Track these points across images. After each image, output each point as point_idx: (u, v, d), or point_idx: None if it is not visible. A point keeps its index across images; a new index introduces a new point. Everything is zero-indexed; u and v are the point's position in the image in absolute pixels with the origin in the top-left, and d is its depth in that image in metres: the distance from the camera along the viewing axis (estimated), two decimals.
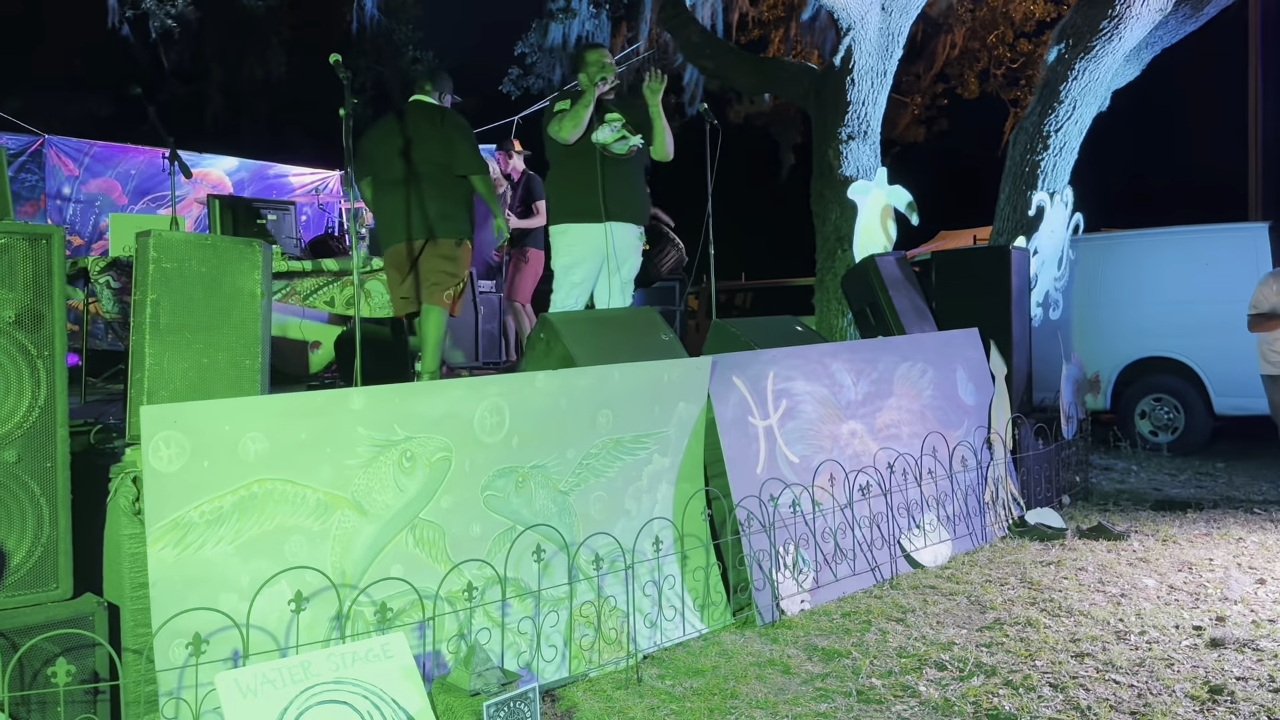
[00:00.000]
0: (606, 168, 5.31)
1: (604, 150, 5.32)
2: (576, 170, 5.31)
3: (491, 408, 3.55)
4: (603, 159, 5.32)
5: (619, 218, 5.37)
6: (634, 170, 5.45)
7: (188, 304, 3.20)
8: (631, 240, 5.47)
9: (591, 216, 5.30)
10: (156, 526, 2.86)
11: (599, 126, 5.33)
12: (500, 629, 3.47)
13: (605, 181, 5.27)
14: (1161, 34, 8.62)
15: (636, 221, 5.47)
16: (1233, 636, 3.93)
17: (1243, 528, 5.85)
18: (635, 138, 5.38)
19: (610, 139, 5.31)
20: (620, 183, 5.36)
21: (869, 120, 8.58)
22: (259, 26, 17.40)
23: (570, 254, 5.40)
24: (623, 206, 5.37)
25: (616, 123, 5.33)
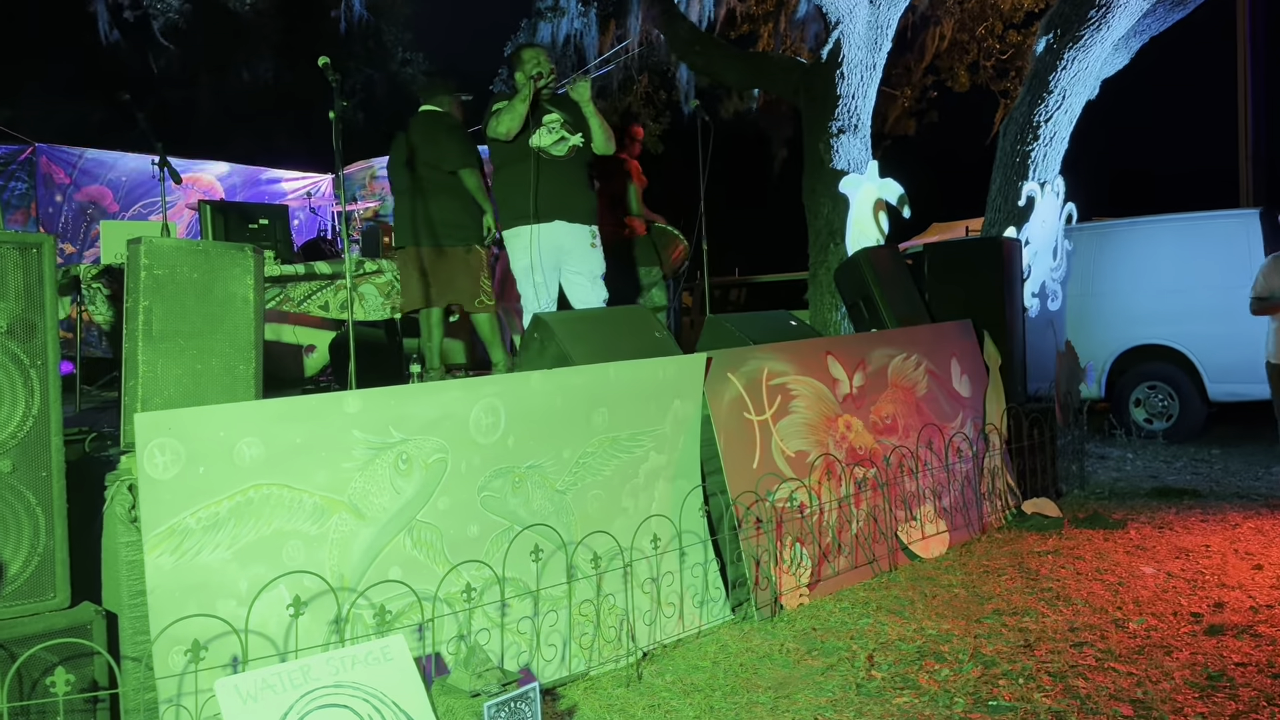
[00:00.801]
0: (544, 169, 5.32)
1: (541, 153, 5.32)
2: (516, 173, 5.33)
3: (487, 408, 3.55)
4: (540, 161, 5.32)
5: (560, 217, 5.37)
6: (575, 170, 5.46)
7: (180, 310, 3.19)
8: (579, 238, 5.45)
9: (528, 219, 5.32)
10: (153, 534, 2.86)
11: (536, 130, 5.32)
12: (500, 629, 3.47)
13: (543, 183, 5.28)
14: (1149, 22, 8.63)
15: (581, 220, 5.46)
16: (1231, 623, 3.94)
17: (1239, 514, 5.87)
18: (575, 137, 5.38)
19: (548, 141, 5.31)
20: (560, 183, 5.36)
21: (859, 114, 8.58)
22: (248, 30, 17.37)
23: (523, 256, 5.41)
24: (563, 206, 5.37)
25: (555, 124, 5.34)
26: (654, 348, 4.55)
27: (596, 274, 5.56)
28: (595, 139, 5.49)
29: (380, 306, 5.35)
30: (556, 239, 5.41)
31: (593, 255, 5.53)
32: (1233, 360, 8.25)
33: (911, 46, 14.96)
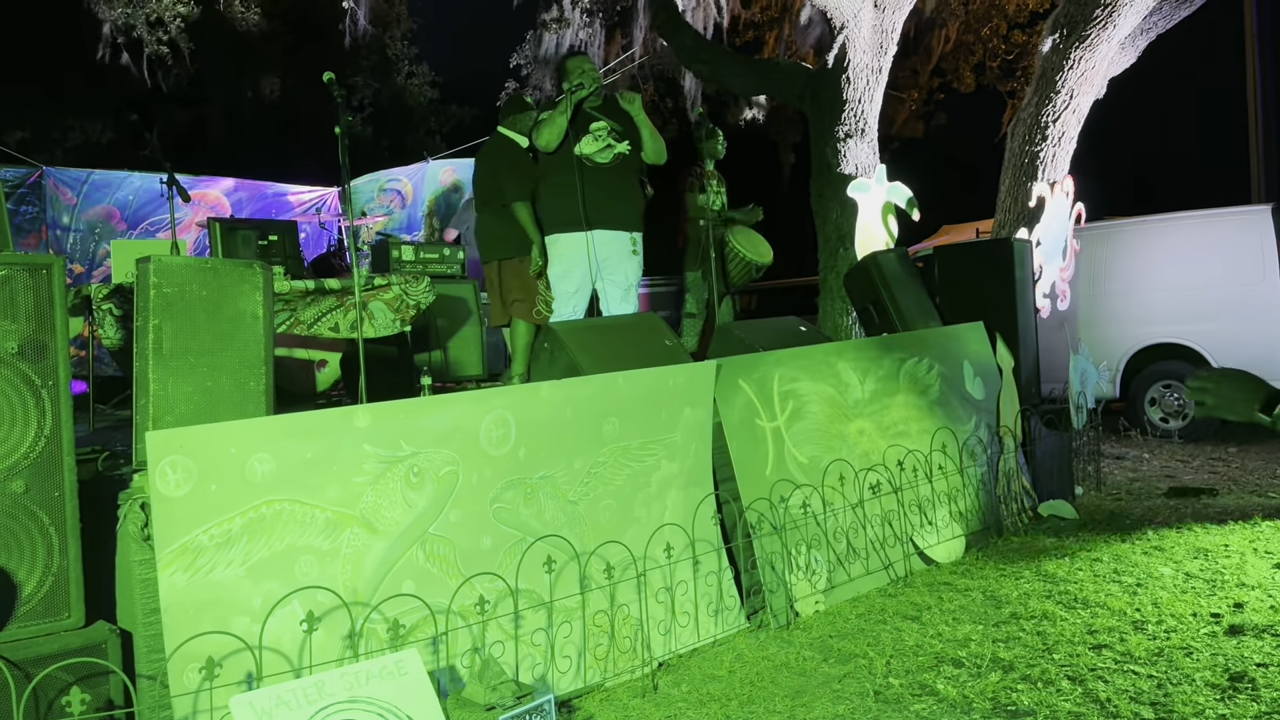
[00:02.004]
0: (589, 176, 5.35)
1: (587, 160, 5.34)
2: (560, 181, 5.37)
3: (497, 420, 3.54)
4: (585, 169, 5.34)
5: (602, 225, 5.38)
6: (621, 177, 5.46)
7: (190, 328, 3.20)
8: (619, 247, 5.46)
9: (573, 226, 5.35)
10: (166, 551, 2.86)
11: (583, 138, 5.35)
12: (514, 641, 3.46)
13: (587, 190, 5.30)
14: (1156, 20, 8.60)
15: (625, 228, 5.47)
16: (1251, 623, 3.90)
17: (1258, 512, 5.81)
18: (622, 145, 5.39)
19: (594, 149, 5.33)
20: (604, 190, 5.39)
21: (866, 118, 8.57)
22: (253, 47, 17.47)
23: (560, 263, 5.45)
24: (607, 214, 5.39)
25: (601, 131, 5.36)
26: (664, 356, 4.54)
27: (630, 284, 5.59)
28: (646, 148, 5.53)
29: (390, 322, 5.35)
30: (594, 247, 5.43)
31: (630, 264, 5.55)
32: (1247, 357, 8.19)
33: (917, 49, 14.95)
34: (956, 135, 17.28)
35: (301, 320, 5.09)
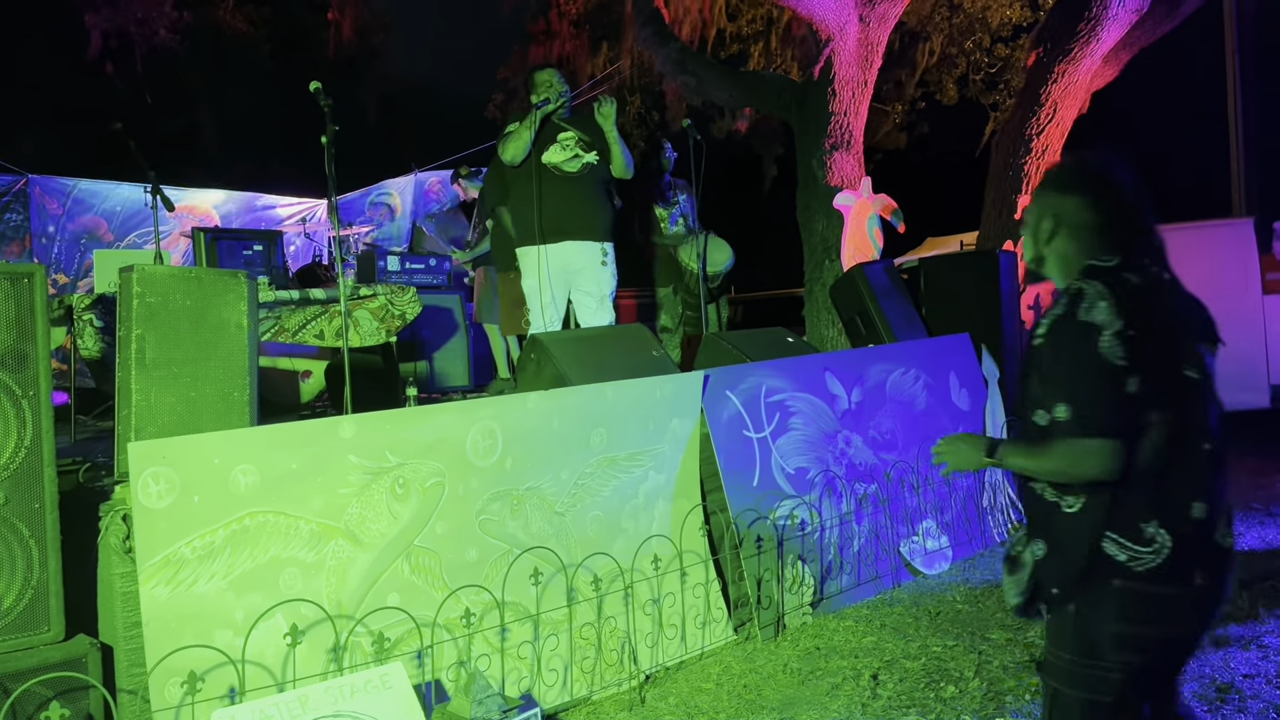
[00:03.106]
0: (555, 187, 5.32)
1: (555, 169, 5.33)
2: (527, 192, 5.34)
3: (484, 431, 3.52)
4: (551, 178, 5.32)
5: (570, 236, 5.36)
6: (588, 188, 5.43)
7: (173, 338, 3.17)
8: (589, 258, 5.42)
9: (547, 237, 5.32)
10: (148, 564, 2.83)
11: (551, 147, 5.34)
12: (500, 654, 3.44)
13: (550, 201, 5.28)
14: (1139, 34, 8.67)
15: (593, 238, 5.43)
16: (1237, 634, 3.91)
17: (1241, 524, 5.83)
18: (590, 155, 5.38)
19: (562, 158, 5.32)
20: (572, 200, 5.35)
21: (851, 130, 8.59)
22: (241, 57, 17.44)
23: (532, 275, 5.41)
24: (574, 224, 5.36)
25: (569, 141, 5.34)
26: (651, 366, 4.53)
27: (605, 294, 5.54)
28: (615, 162, 5.49)
29: (375, 331, 5.33)
30: (565, 258, 5.40)
31: (602, 274, 5.50)
32: (1230, 370, 8.23)
33: (901, 61, 15.03)
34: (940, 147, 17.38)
35: (286, 328, 5.06)
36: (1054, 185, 2.13)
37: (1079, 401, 1.90)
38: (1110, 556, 1.90)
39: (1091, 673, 1.93)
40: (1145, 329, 1.90)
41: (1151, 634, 1.92)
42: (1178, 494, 1.91)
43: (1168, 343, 1.95)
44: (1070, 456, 1.91)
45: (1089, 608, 1.93)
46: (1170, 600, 1.89)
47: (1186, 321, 2.02)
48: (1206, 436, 1.97)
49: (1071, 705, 1.97)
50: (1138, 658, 1.93)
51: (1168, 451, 1.90)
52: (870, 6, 8.43)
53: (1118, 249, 2.02)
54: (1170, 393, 1.93)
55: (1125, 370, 1.87)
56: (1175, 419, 1.92)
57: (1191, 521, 1.90)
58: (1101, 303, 1.91)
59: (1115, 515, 1.90)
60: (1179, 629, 1.95)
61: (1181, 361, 1.97)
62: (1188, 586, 1.90)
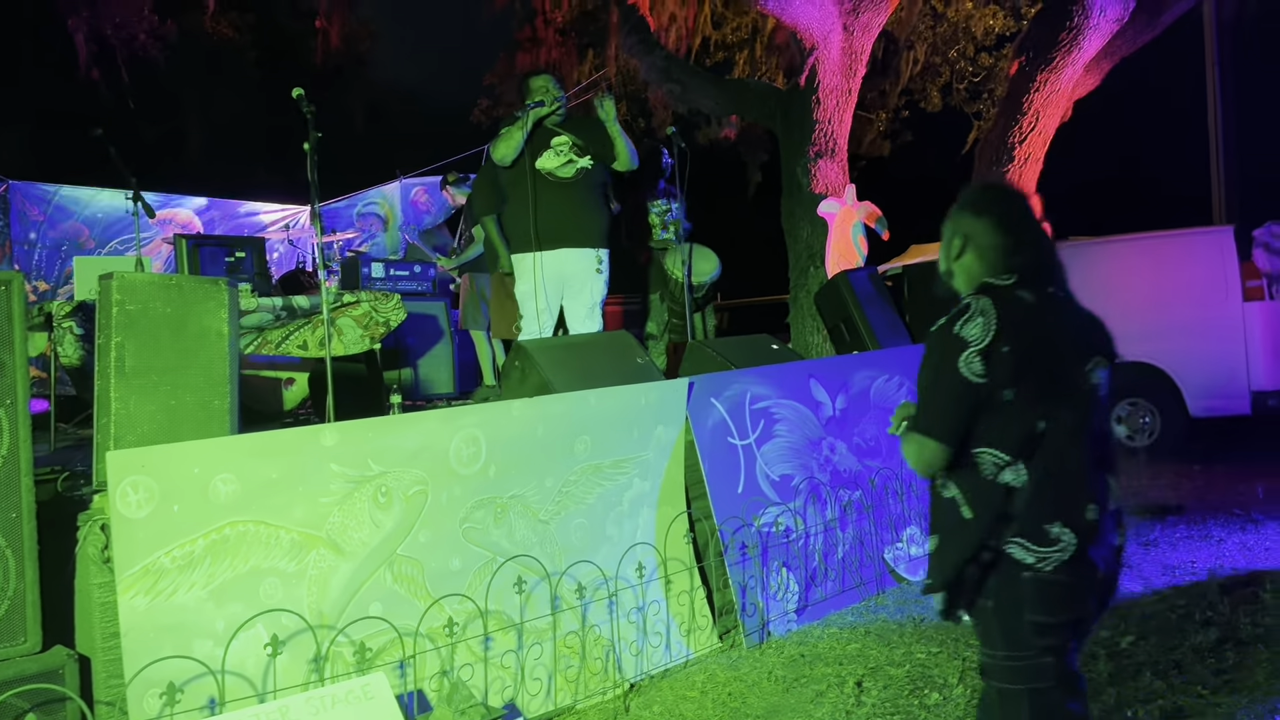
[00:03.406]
0: (549, 193, 5.30)
1: (549, 175, 5.30)
2: (522, 199, 5.32)
3: (467, 438, 3.51)
4: (546, 185, 5.30)
5: (565, 244, 5.33)
6: (584, 193, 5.40)
7: (153, 346, 3.15)
8: (584, 265, 5.40)
9: (542, 244, 5.29)
10: (127, 574, 2.80)
11: (544, 153, 5.31)
12: (483, 664, 3.42)
13: (545, 207, 5.26)
14: (1120, 43, 8.74)
15: (589, 245, 5.40)
16: (1218, 637, 3.93)
17: (1222, 529, 5.87)
18: (584, 160, 5.35)
19: (556, 164, 5.29)
20: (567, 207, 5.32)
21: (836, 138, 8.62)
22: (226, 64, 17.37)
23: (526, 280, 5.39)
24: (570, 231, 5.34)
25: (564, 146, 5.31)
26: (636, 374, 4.52)
27: (595, 302, 5.52)
28: (619, 156, 5.44)
29: (359, 339, 5.30)
30: (560, 266, 5.37)
31: (595, 282, 5.47)
32: (1212, 376, 8.29)
33: (886, 70, 15.09)
34: (924, 155, 17.46)
35: (270, 340, 5.03)
36: (968, 208, 2.32)
37: (925, 403, 2.18)
38: (1019, 560, 2.08)
39: (1027, 664, 2.12)
40: (1024, 346, 2.09)
41: (1065, 620, 2.12)
42: (1074, 496, 2.10)
43: (1051, 357, 2.13)
44: (911, 448, 2.19)
45: (1007, 604, 2.11)
46: (1077, 588, 2.10)
47: (1077, 338, 2.20)
48: (1092, 443, 2.14)
49: (1018, 699, 2.14)
50: (1056, 640, 2.12)
51: (1062, 455, 2.09)
52: (854, 15, 8.47)
53: (1016, 269, 2.21)
54: (1056, 402, 2.11)
55: (987, 385, 2.08)
56: (1064, 425, 2.10)
57: (1089, 519, 2.10)
58: (980, 319, 2.11)
59: (1015, 524, 2.08)
60: (1084, 608, 2.15)
61: (1070, 374, 2.15)
62: (1092, 577, 2.11)
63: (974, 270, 2.26)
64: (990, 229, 2.25)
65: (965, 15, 14.29)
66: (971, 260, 2.27)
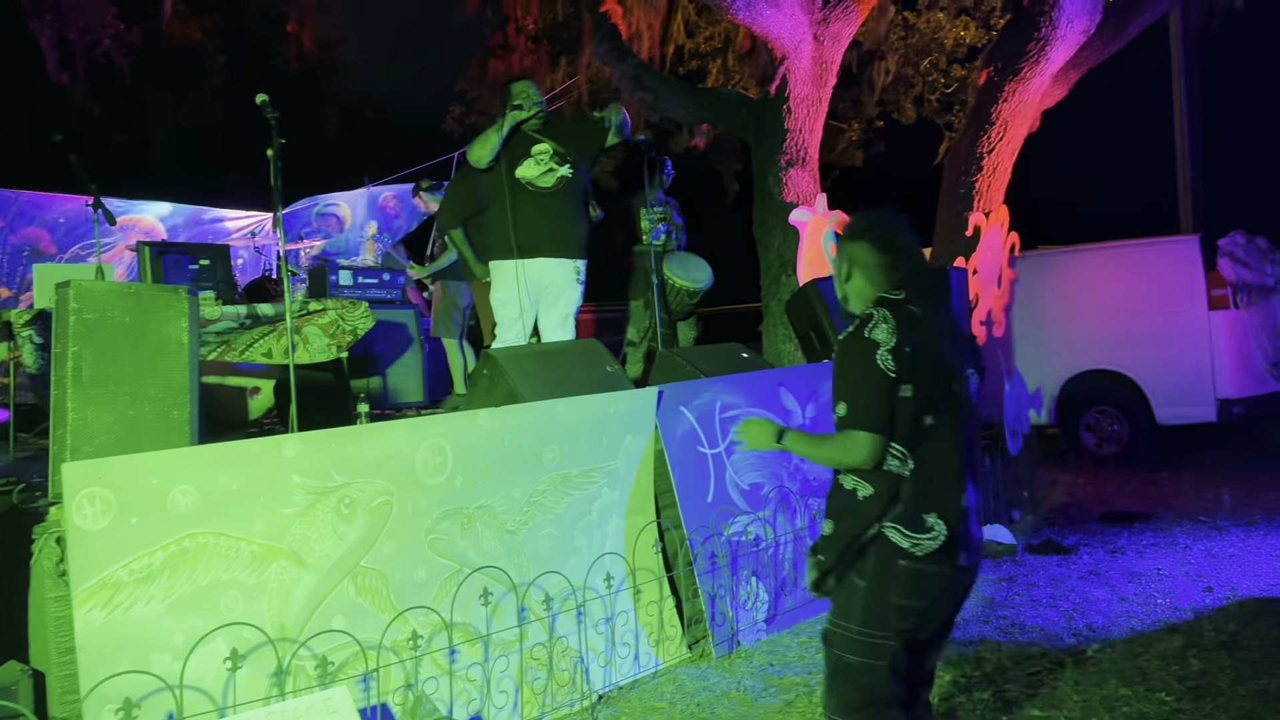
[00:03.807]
0: (529, 203, 5.26)
1: (529, 185, 5.27)
2: (502, 206, 5.28)
3: (433, 448, 3.47)
4: (526, 194, 5.26)
5: (544, 253, 5.30)
6: (565, 203, 5.36)
7: (111, 355, 3.09)
8: (562, 274, 5.37)
9: (511, 253, 5.26)
10: (83, 588, 2.74)
11: (525, 161, 5.27)
12: (448, 677, 3.38)
13: (525, 217, 5.23)
14: (1087, 54, 8.82)
15: (568, 255, 5.37)
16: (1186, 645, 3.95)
17: (1189, 536, 5.92)
18: (563, 169, 5.32)
19: (536, 173, 5.26)
20: (547, 216, 5.29)
21: (807, 147, 8.65)
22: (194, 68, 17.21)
23: (501, 289, 5.35)
24: (549, 240, 5.31)
25: (543, 155, 5.28)
26: (605, 383, 4.50)
27: (569, 313, 5.49)
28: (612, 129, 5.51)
29: (326, 347, 5.24)
30: (539, 275, 5.34)
31: (571, 292, 5.43)
32: (1178, 384, 8.38)
33: (858, 81, 15.19)
34: (896, 165, 17.58)
35: (234, 347, 4.96)
36: (848, 235, 2.58)
37: (854, 402, 2.33)
38: (895, 543, 2.29)
39: (873, 641, 2.32)
40: (918, 348, 2.31)
41: (926, 606, 2.31)
42: (949, 489, 2.31)
43: (938, 362, 2.35)
44: (843, 446, 2.32)
45: (877, 584, 2.31)
46: (942, 578, 2.30)
47: (955, 348, 2.42)
48: (965, 443, 2.36)
49: (853, 669, 2.35)
50: (912, 626, 2.31)
51: (940, 452, 2.31)
52: (824, 25, 8.51)
53: (902, 285, 2.44)
54: (939, 402, 2.33)
55: (896, 380, 2.28)
56: (944, 425, 2.32)
57: (959, 512, 2.31)
58: (884, 325, 2.34)
59: (898, 508, 2.29)
60: (945, 603, 2.35)
61: (950, 379, 2.36)
62: (955, 567, 2.30)
63: (864, 290, 2.49)
64: (869, 249, 2.48)
65: (936, 26, 14.41)
66: (860, 281, 2.50)
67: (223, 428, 5.86)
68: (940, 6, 14.42)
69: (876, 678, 2.32)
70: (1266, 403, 8.41)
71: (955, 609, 2.41)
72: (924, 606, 2.31)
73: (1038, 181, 11.79)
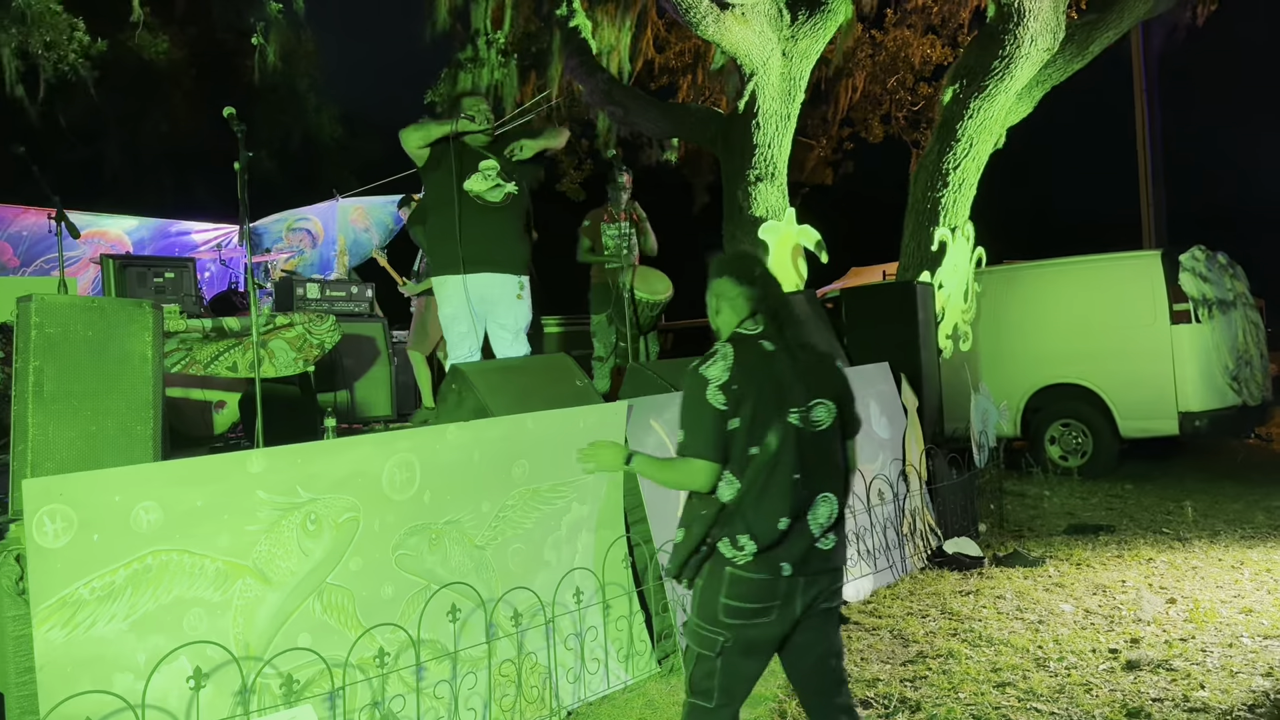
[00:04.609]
0: (477, 216, 5.23)
1: (477, 199, 5.25)
2: (446, 219, 5.23)
3: (401, 463, 3.45)
4: (475, 207, 5.24)
5: (488, 268, 5.28)
6: (510, 219, 5.36)
7: (74, 370, 3.05)
8: (505, 290, 5.34)
9: (456, 268, 5.23)
10: (43, 606, 2.70)
11: (473, 175, 5.25)
12: (416, 694, 3.35)
13: (471, 230, 5.20)
14: (1050, 72, 8.96)
15: (511, 271, 5.35)
16: (1147, 658, 4.00)
17: (1152, 548, 6.00)
18: (509, 185, 5.31)
19: (484, 187, 5.24)
20: (492, 232, 5.27)
21: (775, 162, 8.72)
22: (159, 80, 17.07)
23: (449, 305, 5.32)
24: (493, 256, 5.28)
25: (491, 171, 5.27)
26: (575, 397, 4.50)
27: (520, 328, 5.46)
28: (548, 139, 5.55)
29: (292, 362, 5.20)
30: (483, 289, 5.31)
31: (518, 308, 5.41)
32: (1141, 397, 8.49)
33: (827, 98, 15.33)
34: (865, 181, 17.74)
35: (198, 360, 4.91)
36: (712, 272, 2.76)
37: (690, 432, 2.56)
38: (722, 553, 2.53)
39: (706, 634, 2.57)
40: (749, 384, 2.52)
41: (749, 607, 2.52)
42: (768, 511, 2.49)
43: (769, 396, 2.52)
44: (681, 472, 2.59)
45: (712, 584, 2.55)
46: (763, 583, 2.50)
47: (803, 381, 2.58)
48: (796, 469, 2.51)
49: (692, 657, 2.61)
50: (740, 623, 2.52)
51: (764, 480, 2.49)
52: (792, 42, 8.59)
53: (760, 319, 2.63)
54: (764, 433, 2.50)
55: (726, 413, 2.50)
56: (771, 454, 2.49)
57: (778, 531, 2.49)
58: (721, 362, 2.56)
59: (728, 524, 2.52)
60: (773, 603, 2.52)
61: (784, 410, 2.52)
62: (776, 575, 2.50)
63: (729, 322, 2.68)
64: (731, 284, 2.69)
65: (903, 44, 14.58)
66: (726, 314, 2.69)
67: (187, 442, 5.79)
68: (907, 24, 14.61)
69: (705, 667, 2.58)
70: (1227, 416, 8.54)
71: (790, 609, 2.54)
72: (752, 607, 2.51)
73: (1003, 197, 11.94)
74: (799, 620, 2.55)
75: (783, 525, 2.48)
